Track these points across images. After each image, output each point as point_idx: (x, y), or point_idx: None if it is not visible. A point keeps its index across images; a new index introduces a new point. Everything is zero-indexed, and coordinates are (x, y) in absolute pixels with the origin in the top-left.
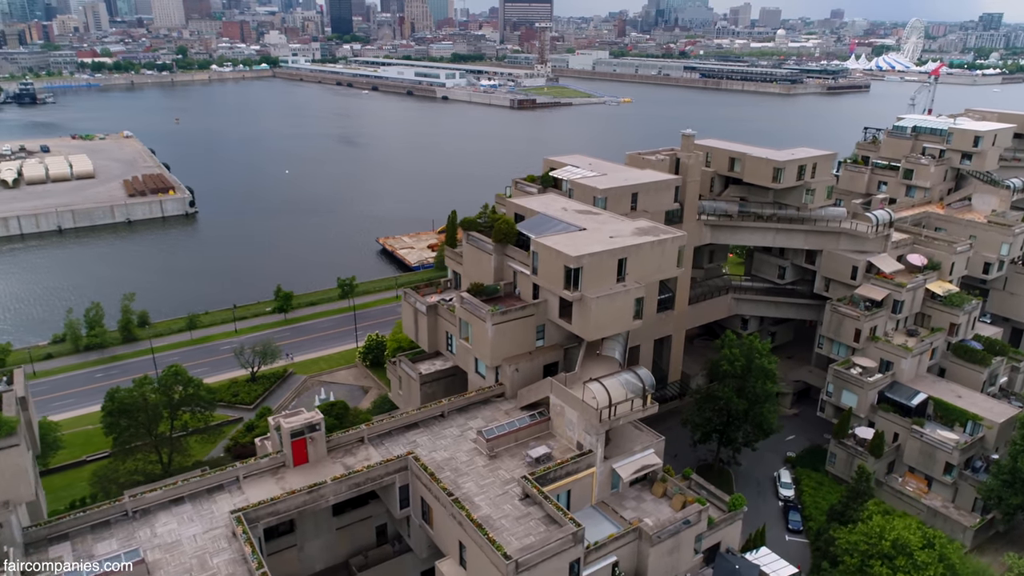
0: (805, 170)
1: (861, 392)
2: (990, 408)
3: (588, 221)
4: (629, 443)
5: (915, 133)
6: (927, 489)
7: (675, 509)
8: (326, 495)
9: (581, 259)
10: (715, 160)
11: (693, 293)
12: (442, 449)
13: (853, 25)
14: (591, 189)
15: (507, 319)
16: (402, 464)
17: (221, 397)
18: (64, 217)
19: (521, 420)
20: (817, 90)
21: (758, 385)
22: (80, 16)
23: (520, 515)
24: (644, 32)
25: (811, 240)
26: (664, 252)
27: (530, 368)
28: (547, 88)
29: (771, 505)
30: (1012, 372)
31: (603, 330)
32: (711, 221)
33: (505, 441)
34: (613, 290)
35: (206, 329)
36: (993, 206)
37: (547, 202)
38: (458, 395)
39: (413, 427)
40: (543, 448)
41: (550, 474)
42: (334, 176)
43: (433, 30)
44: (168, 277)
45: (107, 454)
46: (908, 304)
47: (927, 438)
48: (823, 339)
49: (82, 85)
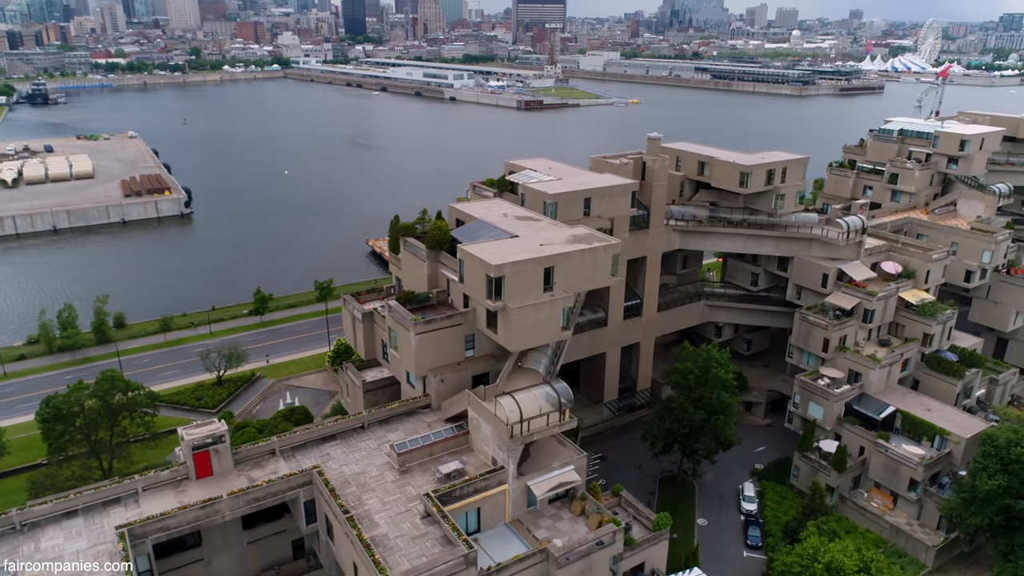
0: (774, 175)
1: (827, 404)
2: (959, 423)
3: (524, 228)
4: (549, 459)
5: (901, 136)
6: (892, 506)
7: (591, 529)
8: (221, 510)
9: (503, 267)
10: (685, 164)
11: (664, 299)
12: (354, 463)
13: (871, 26)
14: (541, 194)
15: (431, 328)
16: (306, 478)
17: (184, 401)
18: (59, 217)
19: (437, 434)
20: (829, 91)
21: (714, 396)
22: (97, 17)
23: (418, 534)
24: (658, 33)
25: (782, 247)
26: (597, 261)
27: (458, 379)
28: (555, 89)
29: (733, 519)
30: (991, 384)
31: (528, 341)
32: (680, 226)
33: (419, 455)
34: (539, 300)
35: (181, 331)
36: (979, 212)
37: (489, 208)
38: (380, 406)
39: (330, 439)
40: (455, 464)
41: (456, 491)
42: (334, 177)
43: (446, 31)
44: (154, 278)
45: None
46: (880, 313)
47: (891, 453)
48: (793, 348)
49: (95, 85)
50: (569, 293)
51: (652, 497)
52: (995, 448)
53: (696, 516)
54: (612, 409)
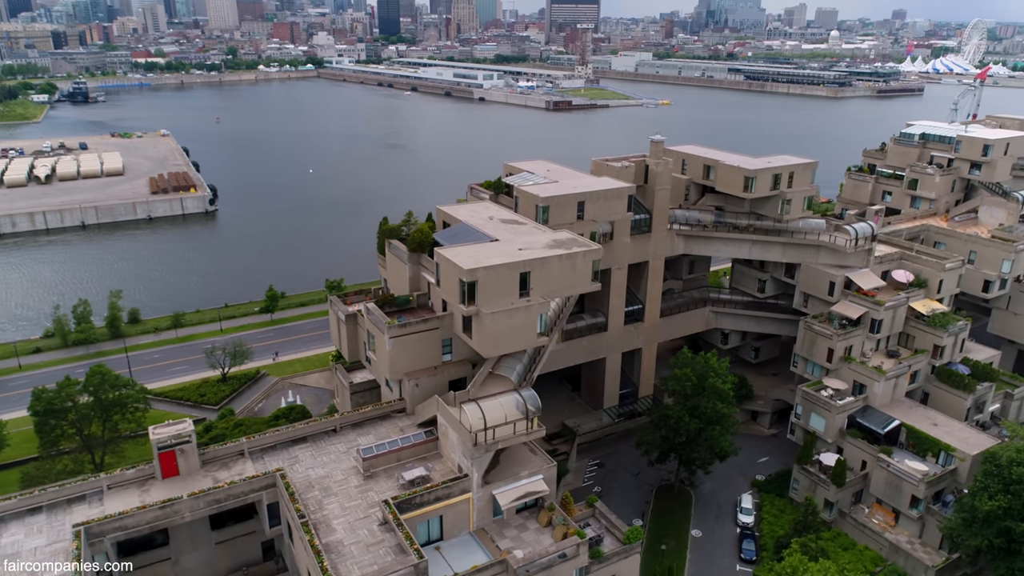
0: (780, 179)
1: (829, 416)
2: (966, 439)
3: (506, 232)
4: (518, 468)
5: (923, 141)
6: (894, 523)
7: (556, 540)
8: (181, 511)
9: (475, 272)
10: (690, 167)
11: (668, 305)
12: (321, 466)
13: (914, 26)
14: (533, 197)
15: (406, 332)
16: (269, 481)
17: (188, 397)
18: (88, 213)
19: (406, 439)
20: (866, 93)
21: (709, 406)
22: (139, 18)
23: (373, 542)
24: (693, 34)
25: (789, 253)
26: (575, 266)
27: (433, 383)
28: (584, 90)
29: (728, 532)
30: (1006, 399)
31: (502, 347)
32: (684, 231)
33: (385, 461)
34: (514, 305)
35: (193, 327)
36: (1001, 220)
37: (476, 211)
38: (354, 409)
39: (300, 442)
40: (420, 470)
41: (416, 498)
42: (361, 175)
43: (479, 31)
44: (173, 274)
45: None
46: (888, 324)
47: (893, 468)
48: (797, 358)
49: (134, 84)
50: (545, 299)
51: (647, 506)
52: (997, 467)
53: (691, 527)
54: (612, 415)
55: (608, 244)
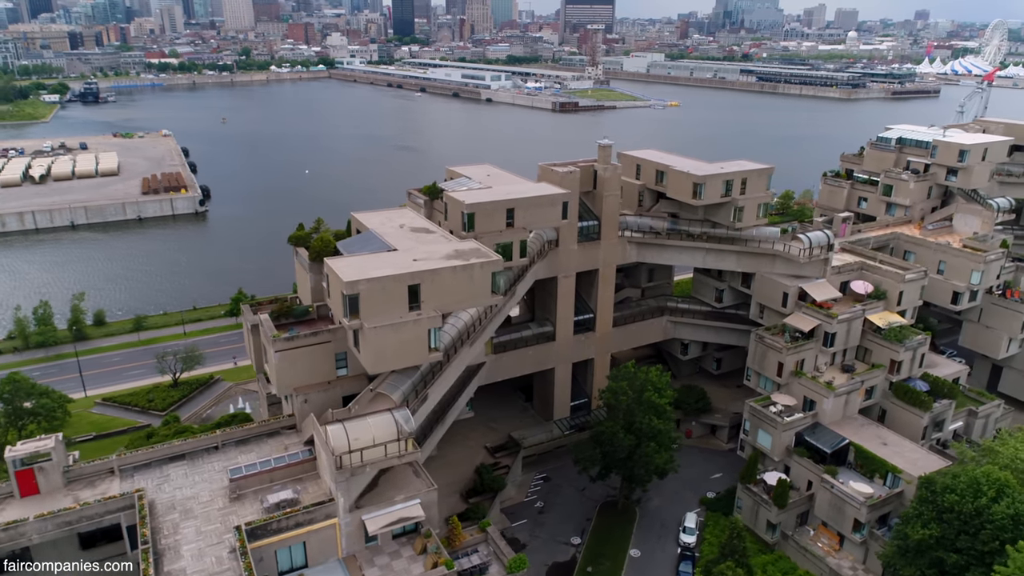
0: (732, 186)
1: (775, 433)
2: (915, 460)
3: (409, 241)
4: (395, 491)
5: (899, 145)
6: (838, 547)
7: (426, 569)
8: (27, 534)
9: (357, 284)
10: (644, 173)
11: (623, 314)
12: (191, 486)
13: (935, 27)
14: (459, 203)
15: (294, 346)
16: (127, 502)
17: (136, 402)
18: (77, 213)
19: (280, 459)
20: (880, 95)
21: (644, 421)
22: (157, 19)
23: (218, 571)
24: (709, 35)
25: (743, 262)
26: (473, 278)
27: (325, 399)
28: (592, 91)
29: (669, 552)
30: (969, 417)
31: (389, 363)
32: (636, 238)
33: (257, 481)
34: (403, 319)
35: (158, 330)
36: (975, 228)
37: (390, 218)
38: (238, 426)
39: (178, 459)
40: (287, 493)
41: (275, 524)
42: (355, 176)
43: (493, 32)
44: (152, 275)
45: None
46: (842, 337)
47: (837, 490)
48: (750, 371)
49: (147, 85)
50: (438, 313)
51: (589, 523)
52: (932, 493)
53: (630, 546)
54: (563, 427)
55: (553, 251)
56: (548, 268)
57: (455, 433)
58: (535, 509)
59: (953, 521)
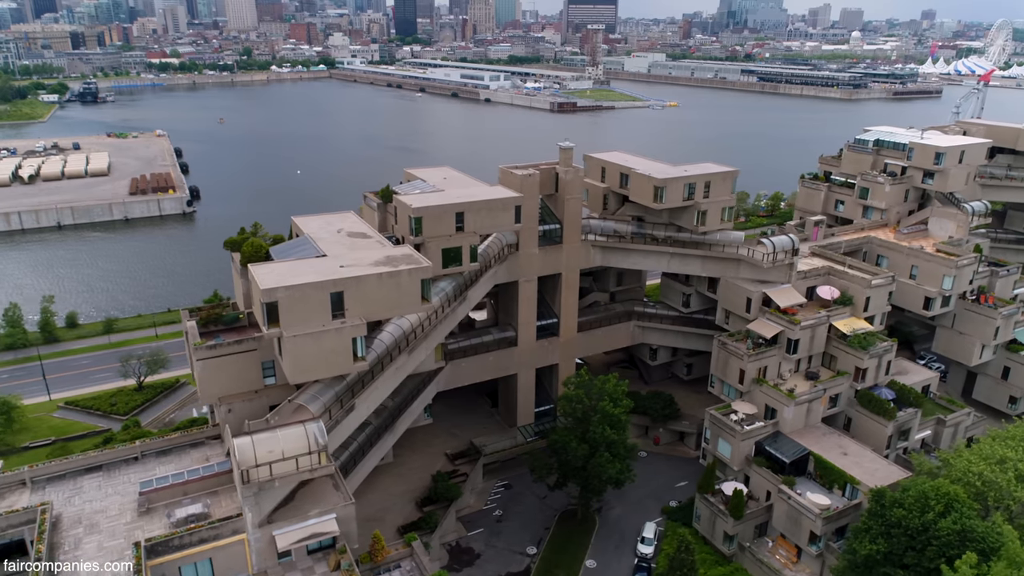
0: (695, 189)
1: (734, 442)
2: (874, 470)
3: (342, 247)
4: (311, 505)
5: (877, 147)
6: (796, 559)
7: None
8: None
9: (275, 292)
10: (609, 176)
11: (588, 319)
12: (103, 499)
13: (941, 27)
14: (407, 208)
15: (216, 354)
16: (30, 516)
17: (99, 406)
18: (63, 214)
19: (193, 471)
20: (881, 95)
21: (598, 431)
22: (160, 19)
23: None
24: (713, 35)
25: (708, 267)
26: (400, 285)
27: (251, 408)
28: (591, 91)
29: (626, 562)
30: (937, 426)
31: (310, 372)
32: (600, 242)
33: (169, 494)
34: (325, 327)
35: (130, 333)
36: (950, 232)
37: (330, 222)
38: (161, 435)
39: (95, 470)
40: (196, 507)
41: (177, 539)
42: (349, 177)
43: (495, 32)
44: (132, 276)
45: None
46: (806, 344)
47: (793, 501)
48: (714, 378)
49: (147, 84)
50: (363, 321)
51: (547, 532)
52: (881, 507)
53: (586, 557)
54: (527, 434)
55: (513, 255)
56: (508, 272)
57: (416, 439)
58: (493, 518)
59: (900, 536)
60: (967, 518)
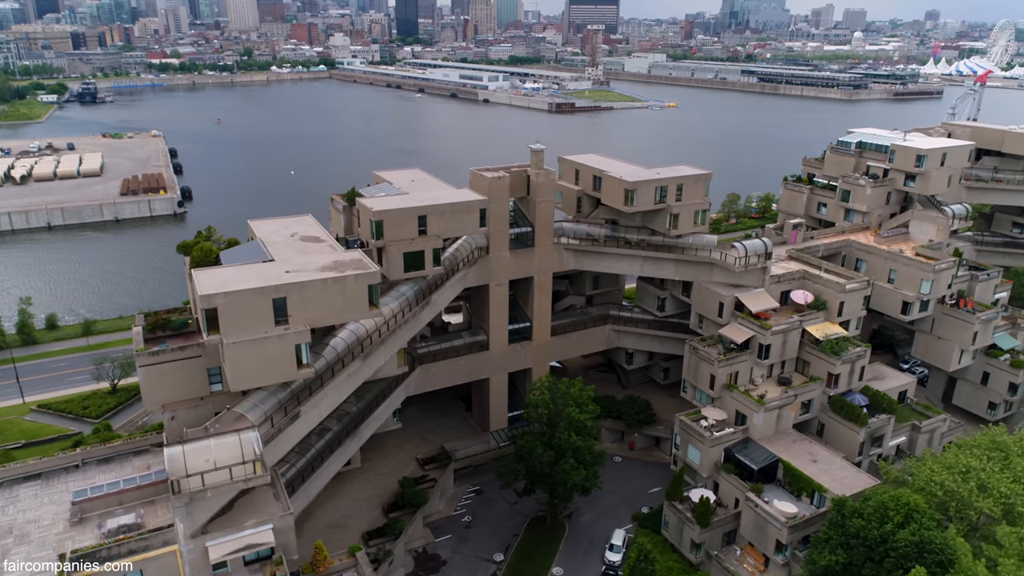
0: (667, 192)
1: (703, 448)
2: (843, 478)
3: (292, 252)
4: (248, 515)
5: (859, 149)
6: (764, 567)
7: None
8: None
9: (214, 298)
10: (582, 179)
11: (562, 323)
12: (36, 508)
13: (944, 27)
14: (368, 211)
15: (159, 360)
16: None
17: (71, 409)
18: (54, 214)
19: (130, 480)
20: (882, 96)
21: (563, 437)
22: (162, 19)
23: None
24: (715, 35)
25: (681, 270)
26: (346, 291)
27: (196, 416)
28: (589, 92)
29: (594, 570)
30: (912, 432)
31: (252, 380)
32: (572, 245)
33: (104, 504)
34: (267, 334)
35: (109, 335)
36: (931, 235)
37: (286, 226)
38: (102, 443)
39: (33, 478)
40: (130, 517)
41: (104, 551)
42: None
43: (496, 32)
44: (116, 278)
45: None
46: (777, 349)
47: (760, 509)
48: (687, 383)
49: (147, 85)
50: (306, 327)
51: (515, 539)
52: (841, 517)
53: (554, 564)
54: (499, 439)
55: (483, 259)
56: (478, 276)
57: (387, 444)
58: (462, 524)
59: (859, 547)
60: (926, 529)
